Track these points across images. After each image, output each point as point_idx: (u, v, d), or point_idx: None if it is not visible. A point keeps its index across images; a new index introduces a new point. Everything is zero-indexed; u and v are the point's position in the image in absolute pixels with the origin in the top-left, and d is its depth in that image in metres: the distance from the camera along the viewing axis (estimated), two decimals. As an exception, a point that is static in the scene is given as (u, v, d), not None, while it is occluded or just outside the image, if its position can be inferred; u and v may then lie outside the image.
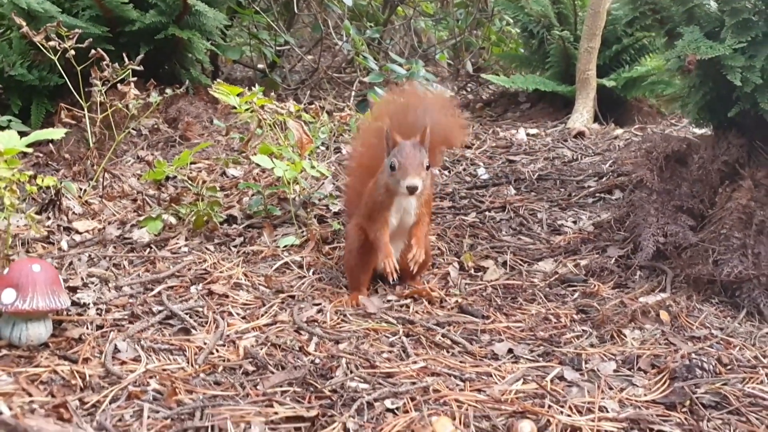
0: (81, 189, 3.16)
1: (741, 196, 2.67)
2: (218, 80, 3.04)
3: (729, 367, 2.19)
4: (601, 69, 5.42)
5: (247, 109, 2.82)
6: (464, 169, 4.02)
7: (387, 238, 2.47)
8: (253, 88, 3.22)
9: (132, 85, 3.20)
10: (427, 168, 2.37)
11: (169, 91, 3.15)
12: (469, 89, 6.70)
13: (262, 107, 2.84)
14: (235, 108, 2.87)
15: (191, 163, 3.33)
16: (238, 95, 2.81)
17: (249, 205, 3.08)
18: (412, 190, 2.34)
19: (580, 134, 4.75)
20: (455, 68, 6.61)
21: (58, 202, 2.89)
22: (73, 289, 2.32)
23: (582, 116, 5.12)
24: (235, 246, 2.88)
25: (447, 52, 6.93)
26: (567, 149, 4.37)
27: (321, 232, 2.95)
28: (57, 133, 2.27)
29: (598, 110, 5.27)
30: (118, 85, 3.25)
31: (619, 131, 4.80)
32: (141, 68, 3.25)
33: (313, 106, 3.27)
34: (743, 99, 2.61)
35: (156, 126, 4.12)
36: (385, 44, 6.02)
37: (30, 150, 2.24)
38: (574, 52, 5.33)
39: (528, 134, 4.84)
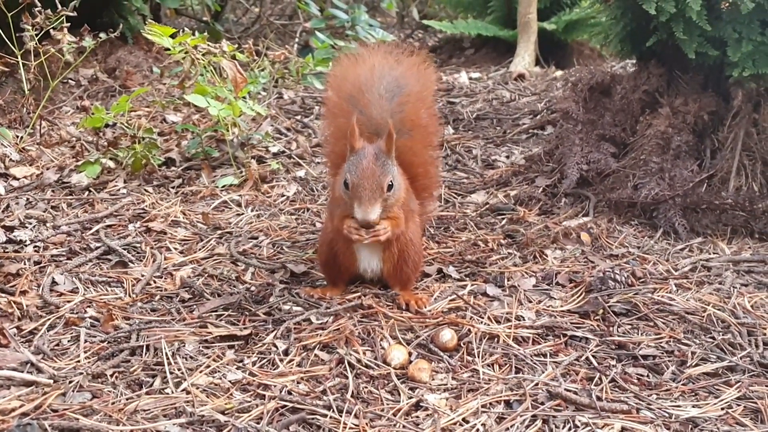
0: (18, 137, 3.15)
1: (660, 123, 2.79)
2: (150, 20, 3.03)
3: (642, 280, 2.33)
4: (543, 13, 5.50)
5: (180, 51, 2.83)
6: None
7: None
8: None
9: (65, 30, 3.17)
10: (390, 188, 1.97)
11: (103, 35, 3.13)
12: (415, 37, 6.74)
13: (195, 48, 2.85)
14: (168, 50, 2.88)
15: (131, 111, 3.33)
16: (171, 36, 2.82)
17: (187, 147, 3.12)
18: (364, 225, 1.96)
19: (521, 77, 4.84)
20: (400, 15, 6.62)
21: (-7, 149, 2.89)
22: (9, 229, 2.35)
23: (523, 60, 5.21)
24: (173, 187, 2.92)
25: (394, 1, 6.92)
26: (506, 91, 4.46)
27: (260, 172, 3.00)
28: (-16, 72, 2.26)
29: (539, 54, 5.37)
30: (52, 33, 3.21)
31: (558, 73, 4.91)
32: (75, 14, 3.20)
33: (247, 45, 3.28)
34: (660, 29, 2.72)
35: (95, 76, 4.09)
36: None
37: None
38: (515, -4, 5.40)
39: (470, 78, 4.91)
